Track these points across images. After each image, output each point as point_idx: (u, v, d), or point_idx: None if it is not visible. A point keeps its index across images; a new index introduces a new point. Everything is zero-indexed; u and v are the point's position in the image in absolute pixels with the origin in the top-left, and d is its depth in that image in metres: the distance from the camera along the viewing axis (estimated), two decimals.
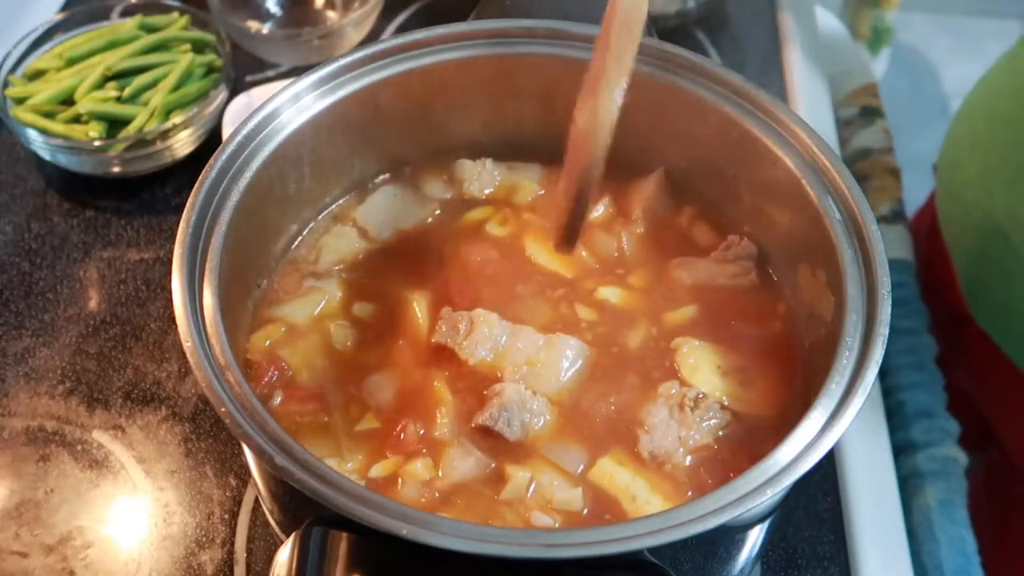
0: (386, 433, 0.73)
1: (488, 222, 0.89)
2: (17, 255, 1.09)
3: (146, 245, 1.11)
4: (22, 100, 1.12)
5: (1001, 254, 1.04)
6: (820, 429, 0.62)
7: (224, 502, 0.90)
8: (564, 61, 0.85)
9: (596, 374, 0.78)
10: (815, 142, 0.77)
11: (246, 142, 0.76)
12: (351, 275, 0.84)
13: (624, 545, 0.55)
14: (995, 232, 1.05)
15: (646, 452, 0.72)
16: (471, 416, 0.74)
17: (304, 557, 0.56)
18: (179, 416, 0.96)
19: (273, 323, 0.80)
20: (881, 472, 0.96)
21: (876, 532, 0.91)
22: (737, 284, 0.83)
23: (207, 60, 1.17)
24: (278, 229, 0.84)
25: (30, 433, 0.94)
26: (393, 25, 1.40)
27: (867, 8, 2.77)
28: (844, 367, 0.65)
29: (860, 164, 1.25)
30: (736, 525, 0.66)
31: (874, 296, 0.68)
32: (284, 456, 0.59)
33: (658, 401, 0.75)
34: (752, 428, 0.74)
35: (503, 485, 0.71)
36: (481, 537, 0.55)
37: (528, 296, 0.83)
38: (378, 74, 0.83)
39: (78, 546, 0.87)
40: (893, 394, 1.05)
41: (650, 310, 0.82)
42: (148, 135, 1.09)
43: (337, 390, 0.76)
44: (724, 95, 0.81)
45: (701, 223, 0.88)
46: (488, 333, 0.77)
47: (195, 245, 0.69)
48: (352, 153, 0.87)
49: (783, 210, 0.80)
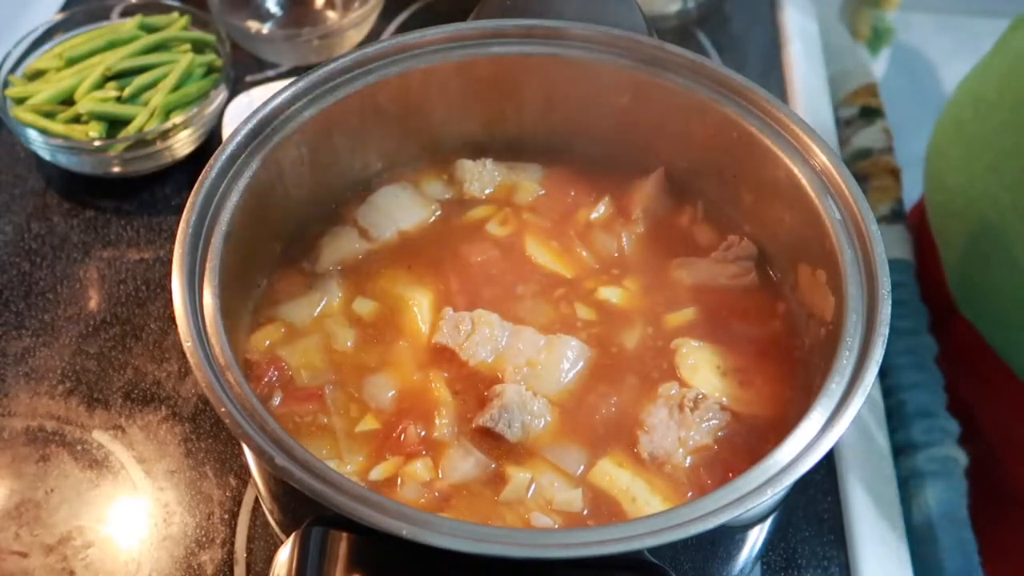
0: (386, 434, 0.73)
1: (489, 222, 0.89)
2: (17, 255, 1.09)
3: (146, 245, 1.11)
4: (22, 100, 1.12)
5: (981, 239, 1.04)
6: (820, 429, 0.62)
7: (224, 502, 0.90)
8: (564, 61, 0.85)
9: (596, 375, 0.78)
10: (815, 142, 0.76)
11: (246, 142, 0.76)
12: (351, 275, 0.84)
13: (624, 545, 0.55)
14: (976, 217, 1.05)
15: (646, 453, 0.72)
16: (471, 417, 0.74)
17: (304, 557, 0.56)
18: (179, 416, 0.96)
19: (273, 323, 0.80)
20: (881, 472, 0.96)
21: (876, 532, 0.91)
22: (737, 284, 0.83)
23: (207, 60, 1.17)
24: (278, 229, 0.84)
25: (30, 433, 0.94)
26: (393, 25, 1.40)
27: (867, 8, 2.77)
28: (844, 367, 0.65)
29: (860, 164, 1.25)
30: (736, 525, 0.66)
31: (874, 296, 0.68)
32: (284, 456, 0.59)
33: (658, 402, 0.75)
34: (752, 428, 0.74)
35: (503, 486, 0.71)
36: (481, 537, 0.55)
37: (528, 296, 0.83)
38: (378, 74, 0.83)
39: (78, 546, 0.87)
40: (893, 394, 1.05)
41: (650, 310, 0.82)
42: (148, 135, 1.09)
43: (337, 390, 0.76)
44: (724, 95, 0.81)
45: (701, 223, 0.88)
46: (489, 334, 0.77)
47: (195, 245, 0.69)
48: (352, 153, 0.87)
49: (783, 210, 0.80)
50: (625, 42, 0.84)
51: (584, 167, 0.92)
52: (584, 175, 0.92)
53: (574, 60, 0.84)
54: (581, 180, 0.92)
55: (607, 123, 0.89)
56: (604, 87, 0.86)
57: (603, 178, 0.91)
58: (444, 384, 0.76)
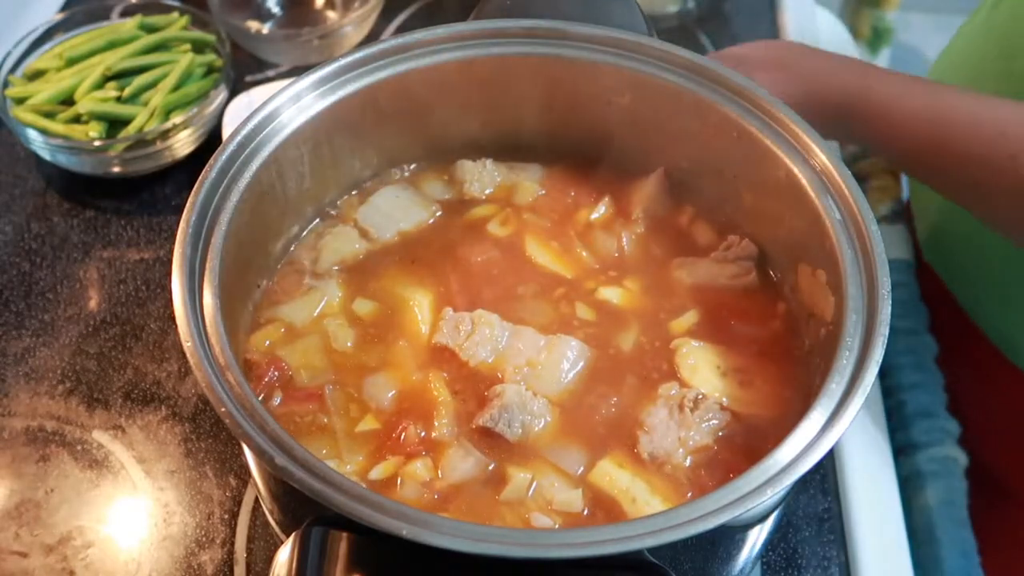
0: (386, 434, 0.73)
1: (489, 221, 0.89)
2: (17, 255, 1.09)
3: (146, 245, 1.11)
4: (22, 100, 1.12)
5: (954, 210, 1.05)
6: (820, 429, 0.62)
7: (224, 502, 0.90)
8: (564, 61, 0.85)
9: (596, 375, 0.78)
10: (815, 142, 0.76)
11: (246, 142, 0.76)
12: (351, 275, 0.84)
13: (624, 545, 0.55)
14: None
15: (646, 453, 0.72)
16: (471, 417, 0.74)
17: (304, 557, 0.56)
18: (179, 416, 0.96)
19: (273, 323, 0.80)
20: (881, 472, 0.96)
21: (876, 532, 0.91)
22: (737, 284, 0.83)
23: (207, 60, 1.17)
24: (278, 229, 0.84)
25: (30, 433, 0.94)
26: (393, 25, 1.40)
27: (867, 8, 2.78)
28: (844, 367, 0.65)
29: (860, 164, 1.25)
30: (736, 525, 0.66)
31: (874, 296, 0.68)
32: (284, 456, 0.59)
33: (658, 402, 0.75)
34: (752, 428, 0.74)
35: (503, 486, 0.71)
36: (481, 537, 0.55)
37: (529, 296, 0.83)
38: (378, 74, 0.83)
39: (78, 546, 0.87)
40: (893, 394, 1.05)
41: (650, 310, 0.82)
42: (148, 135, 1.09)
43: (337, 390, 0.76)
44: (724, 95, 0.81)
45: (701, 223, 0.88)
46: (489, 334, 0.77)
47: (195, 245, 0.69)
48: (352, 153, 0.87)
49: (783, 210, 0.80)
50: (625, 42, 0.84)
51: (584, 167, 0.92)
52: (584, 175, 0.92)
53: (574, 60, 0.84)
54: (581, 180, 0.92)
55: (607, 123, 0.89)
56: (604, 87, 0.86)
57: (603, 178, 0.91)
58: (444, 384, 0.76)
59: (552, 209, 0.90)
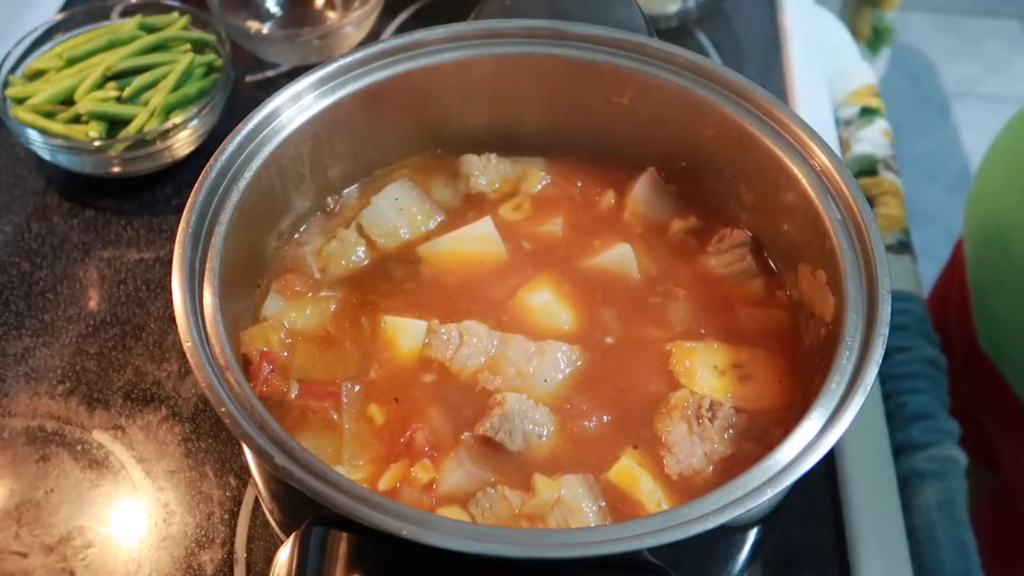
0: (391, 439, 0.73)
1: (501, 206, 0.88)
2: (17, 255, 1.09)
3: (146, 245, 1.11)
4: (22, 100, 1.12)
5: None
6: (820, 429, 0.62)
7: (224, 502, 0.90)
8: (564, 61, 0.85)
9: (591, 379, 0.77)
10: (815, 142, 0.77)
11: (246, 142, 0.76)
12: (351, 276, 0.84)
13: (624, 545, 0.55)
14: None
15: (674, 473, 0.71)
16: (471, 426, 0.73)
17: (304, 557, 0.56)
18: (179, 416, 0.96)
19: (273, 323, 0.80)
20: (881, 472, 0.96)
21: (876, 532, 0.91)
22: (733, 271, 0.83)
23: (207, 60, 1.17)
24: (278, 229, 0.84)
25: (30, 433, 0.94)
26: (393, 25, 1.40)
27: (867, 8, 2.78)
28: (844, 367, 0.65)
29: (864, 181, 1.23)
30: (736, 525, 0.66)
31: (874, 296, 0.68)
32: (284, 456, 0.59)
33: (673, 415, 0.74)
34: (759, 424, 0.74)
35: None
36: (481, 537, 0.55)
37: (528, 298, 0.83)
38: (378, 74, 0.83)
39: (78, 546, 0.87)
40: (893, 395, 1.05)
41: (650, 310, 0.82)
42: (148, 135, 1.09)
43: (354, 391, 0.76)
44: (724, 95, 0.81)
45: (699, 222, 0.88)
46: (478, 344, 0.77)
47: (195, 245, 0.69)
48: (352, 153, 0.87)
49: (783, 210, 0.80)
50: (625, 42, 0.84)
51: (584, 167, 0.92)
52: (584, 175, 0.92)
53: (574, 60, 0.84)
54: (581, 180, 0.91)
55: (607, 123, 0.89)
56: (604, 87, 0.86)
57: (602, 177, 0.91)
58: (442, 393, 0.76)
59: (558, 198, 0.90)
